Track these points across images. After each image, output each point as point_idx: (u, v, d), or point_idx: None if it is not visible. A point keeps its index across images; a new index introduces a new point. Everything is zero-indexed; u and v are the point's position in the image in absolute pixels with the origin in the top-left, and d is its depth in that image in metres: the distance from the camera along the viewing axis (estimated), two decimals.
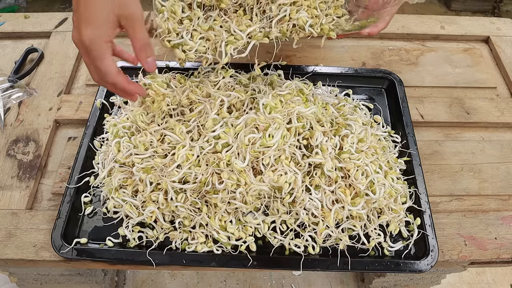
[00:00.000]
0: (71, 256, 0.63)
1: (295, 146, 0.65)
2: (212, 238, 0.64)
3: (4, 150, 0.77)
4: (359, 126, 0.71)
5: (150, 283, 1.28)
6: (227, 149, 0.63)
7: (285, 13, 0.66)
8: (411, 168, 0.72)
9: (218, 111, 0.66)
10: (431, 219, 0.67)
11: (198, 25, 0.65)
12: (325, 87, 0.84)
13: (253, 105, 0.69)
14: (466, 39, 1.00)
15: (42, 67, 0.90)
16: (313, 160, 0.64)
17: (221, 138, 0.63)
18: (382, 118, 0.80)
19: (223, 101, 0.67)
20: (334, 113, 0.72)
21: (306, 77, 0.83)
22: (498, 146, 0.81)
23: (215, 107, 0.66)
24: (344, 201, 0.63)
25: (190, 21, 0.66)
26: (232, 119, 0.66)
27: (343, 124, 0.69)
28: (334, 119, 0.70)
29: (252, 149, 0.62)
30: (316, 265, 0.63)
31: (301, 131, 0.66)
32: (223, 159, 0.62)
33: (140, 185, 0.65)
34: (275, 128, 0.62)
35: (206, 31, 0.65)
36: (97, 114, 0.78)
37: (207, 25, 0.66)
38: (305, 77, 0.83)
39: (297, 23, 0.67)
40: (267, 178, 0.61)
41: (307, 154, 0.65)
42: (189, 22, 0.66)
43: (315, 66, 0.87)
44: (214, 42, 0.65)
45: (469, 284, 1.30)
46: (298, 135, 0.66)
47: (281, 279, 1.28)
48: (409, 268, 0.63)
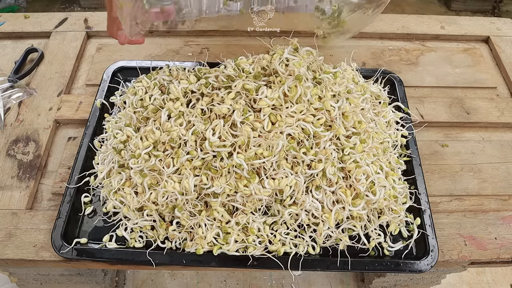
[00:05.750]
0: (71, 256, 0.63)
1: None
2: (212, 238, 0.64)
3: (4, 150, 0.77)
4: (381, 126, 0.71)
5: (150, 283, 1.28)
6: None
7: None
8: (411, 168, 0.72)
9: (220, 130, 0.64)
10: (431, 219, 0.67)
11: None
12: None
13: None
14: (466, 39, 1.00)
15: (42, 67, 0.90)
16: (315, 172, 0.63)
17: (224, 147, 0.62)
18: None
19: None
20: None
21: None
22: (498, 146, 0.81)
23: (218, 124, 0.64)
24: (344, 202, 0.63)
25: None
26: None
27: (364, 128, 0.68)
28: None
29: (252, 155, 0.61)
30: (316, 265, 0.63)
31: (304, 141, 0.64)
32: (225, 167, 0.61)
33: (139, 187, 0.65)
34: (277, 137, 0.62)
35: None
36: (97, 114, 0.78)
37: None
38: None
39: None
40: (268, 186, 0.61)
41: (308, 160, 0.64)
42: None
43: None
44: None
45: (469, 284, 1.30)
46: (301, 142, 0.65)
47: (281, 279, 1.28)
48: (409, 268, 0.63)
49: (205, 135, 0.62)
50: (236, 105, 0.64)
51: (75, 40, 0.94)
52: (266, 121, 0.63)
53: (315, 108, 0.65)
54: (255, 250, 0.63)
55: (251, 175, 0.61)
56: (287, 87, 0.64)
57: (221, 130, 0.63)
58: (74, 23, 0.98)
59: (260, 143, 0.62)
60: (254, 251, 0.63)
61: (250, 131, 0.62)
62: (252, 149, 0.61)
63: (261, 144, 0.61)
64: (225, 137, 0.62)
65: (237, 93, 0.66)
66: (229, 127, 0.64)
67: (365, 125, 0.68)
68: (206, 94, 0.68)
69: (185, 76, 0.72)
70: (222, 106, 0.64)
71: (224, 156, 0.62)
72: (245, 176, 0.61)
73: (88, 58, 0.93)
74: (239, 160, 0.61)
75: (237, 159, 0.61)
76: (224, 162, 0.62)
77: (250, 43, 0.96)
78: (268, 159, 0.61)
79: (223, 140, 0.62)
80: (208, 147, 0.62)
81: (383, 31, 0.98)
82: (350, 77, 0.76)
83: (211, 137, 0.62)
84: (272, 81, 0.66)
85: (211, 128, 0.63)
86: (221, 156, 0.62)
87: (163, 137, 0.64)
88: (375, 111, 0.76)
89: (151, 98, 0.70)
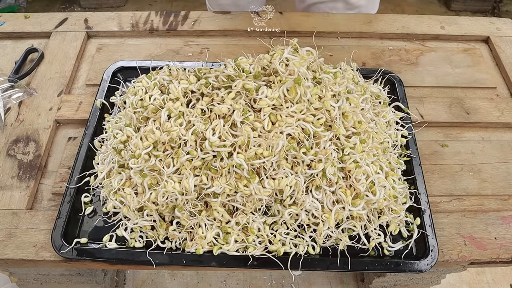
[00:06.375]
0: (71, 256, 0.63)
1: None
2: (212, 238, 0.64)
3: (4, 150, 0.77)
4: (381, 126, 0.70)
5: (150, 283, 1.28)
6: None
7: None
8: (411, 168, 0.72)
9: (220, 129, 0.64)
10: (431, 219, 0.67)
11: None
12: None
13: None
14: (466, 39, 1.00)
15: (42, 67, 0.90)
16: (315, 172, 0.63)
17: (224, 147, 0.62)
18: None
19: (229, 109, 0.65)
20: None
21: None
22: (498, 146, 0.81)
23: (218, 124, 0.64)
24: (344, 202, 0.63)
25: None
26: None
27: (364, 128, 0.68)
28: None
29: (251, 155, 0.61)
30: (316, 265, 0.63)
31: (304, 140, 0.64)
32: (225, 167, 0.61)
33: (139, 187, 0.65)
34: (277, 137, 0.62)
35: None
36: (97, 114, 0.78)
37: None
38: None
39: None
40: (268, 186, 0.61)
41: (308, 160, 0.63)
42: None
43: None
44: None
45: (469, 284, 1.30)
46: (301, 142, 0.65)
47: (281, 279, 1.28)
48: (409, 268, 0.63)
49: (205, 135, 0.63)
50: (236, 105, 0.64)
51: (75, 40, 0.95)
52: (266, 121, 0.63)
53: (315, 108, 0.65)
54: (255, 250, 0.63)
55: (251, 175, 0.61)
56: (286, 88, 0.64)
57: (221, 130, 0.63)
58: (74, 23, 0.98)
59: (260, 143, 0.62)
60: (254, 251, 0.63)
61: (250, 131, 0.62)
62: (252, 149, 0.61)
63: (261, 144, 0.62)
64: (225, 137, 0.62)
65: (237, 93, 0.66)
66: (229, 127, 0.64)
67: (365, 125, 0.68)
68: (206, 94, 0.68)
69: (185, 76, 0.72)
70: (222, 106, 0.64)
71: (224, 156, 0.62)
72: (245, 176, 0.61)
73: (88, 58, 0.93)
74: (239, 160, 0.61)
75: (237, 159, 0.61)
76: (224, 162, 0.62)
77: (250, 43, 0.96)
78: (268, 159, 0.61)
79: (223, 140, 0.62)
80: (208, 147, 0.62)
81: (383, 31, 0.98)
82: (350, 77, 0.76)
83: (211, 137, 0.62)
84: (272, 81, 0.66)
85: (211, 128, 0.63)
86: (221, 156, 0.62)
87: (163, 137, 0.64)
88: (375, 111, 0.76)
89: (151, 98, 0.70)
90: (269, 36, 0.97)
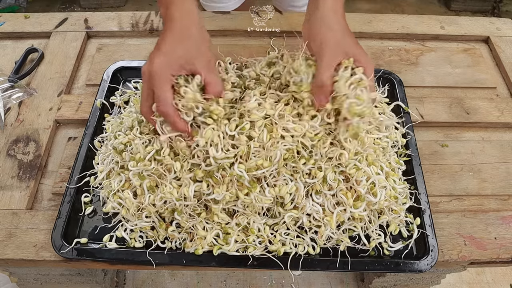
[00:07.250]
0: (71, 256, 0.63)
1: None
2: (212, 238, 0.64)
3: (4, 150, 0.77)
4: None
5: (150, 283, 1.28)
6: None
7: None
8: (411, 168, 0.72)
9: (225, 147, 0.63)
10: (431, 219, 0.67)
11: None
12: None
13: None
14: (466, 39, 1.00)
15: (42, 67, 0.90)
16: (315, 181, 0.63)
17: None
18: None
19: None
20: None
21: None
22: (498, 146, 0.81)
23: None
24: (346, 204, 0.63)
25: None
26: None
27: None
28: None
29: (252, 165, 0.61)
30: (316, 265, 0.63)
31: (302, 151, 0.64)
32: (227, 176, 0.61)
33: (138, 189, 0.65)
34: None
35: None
36: (97, 114, 0.78)
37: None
38: None
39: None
40: (269, 194, 0.61)
41: (307, 170, 0.63)
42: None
43: None
44: None
45: (469, 284, 1.30)
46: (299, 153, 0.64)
47: (281, 279, 1.28)
48: (409, 268, 0.63)
49: (209, 152, 0.61)
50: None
51: (75, 40, 0.94)
52: (264, 133, 0.62)
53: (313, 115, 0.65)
54: (255, 250, 0.63)
55: (252, 185, 0.61)
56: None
57: (221, 141, 0.62)
58: (74, 23, 0.98)
59: (259, 154, 0.61)
60: (254, 251, 0.63)
61: (250, 142, 0.62)
62: (252, 159, 0.61)
63: (261, 154, 0.61)
64: (226, 149, 0.62)
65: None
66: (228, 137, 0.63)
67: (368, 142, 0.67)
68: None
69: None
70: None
71: (226, 167, 0.61)
72: (247, 185, 0.61)
73: (88, 58, 0.93)
74: (240, 171, 0.60)
75: (238, 170, 0.60)
76: (226, 171, 0.61)
77: (250, 43, 0.96)
78: (268, 169, 0.61)
79: (226, 150, 0.61)
80: (213, 162, 0.60)
81: (383, 31, 0.98)
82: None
83: (216, 153, 0.60)
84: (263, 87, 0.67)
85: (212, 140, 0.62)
86: (223, 167, 0.61)
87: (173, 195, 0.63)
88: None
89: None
90: (269, 36, 0.97)
